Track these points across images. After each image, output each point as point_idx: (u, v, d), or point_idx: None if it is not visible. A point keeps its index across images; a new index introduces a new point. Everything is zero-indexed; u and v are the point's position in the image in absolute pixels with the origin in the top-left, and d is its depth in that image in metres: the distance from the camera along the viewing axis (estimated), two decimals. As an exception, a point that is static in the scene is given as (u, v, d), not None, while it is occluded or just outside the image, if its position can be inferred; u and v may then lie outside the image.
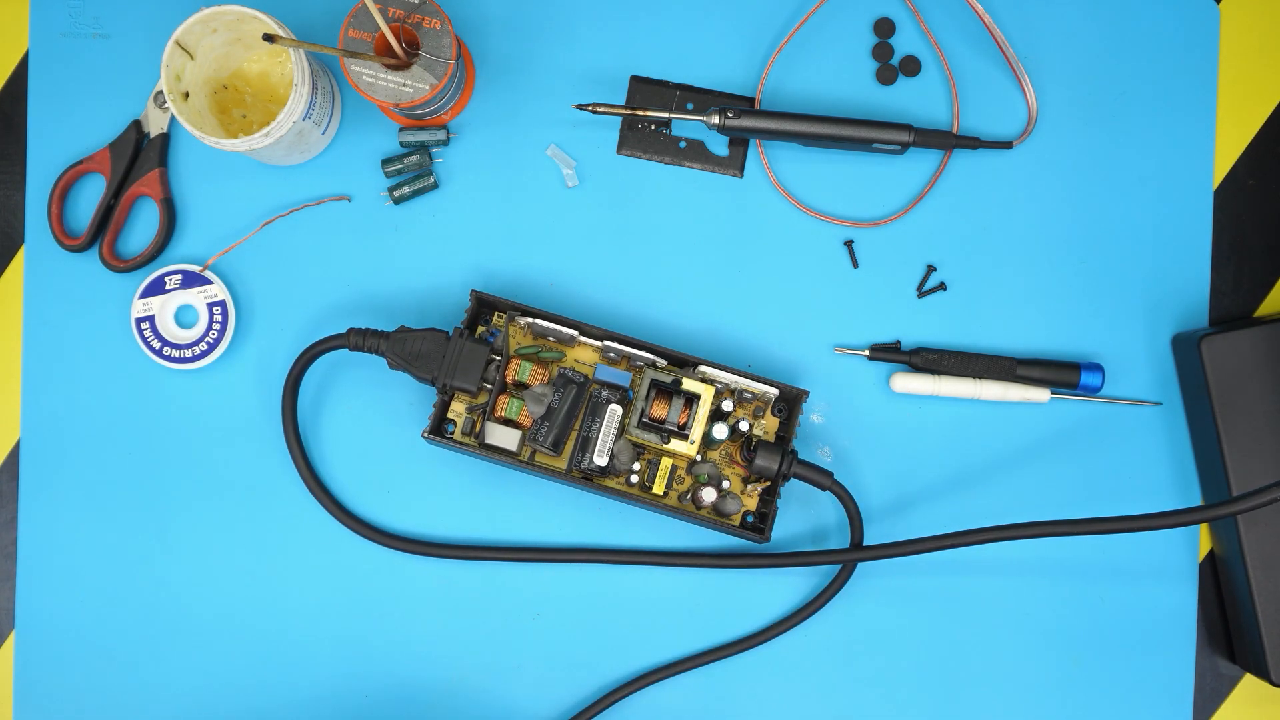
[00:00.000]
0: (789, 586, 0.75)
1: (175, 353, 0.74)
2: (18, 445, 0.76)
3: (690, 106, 0.76)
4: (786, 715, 0.75)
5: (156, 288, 0.75)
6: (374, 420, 0.76)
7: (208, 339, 0.75)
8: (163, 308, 0.75)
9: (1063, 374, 0.74)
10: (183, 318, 0.76)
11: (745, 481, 0.72)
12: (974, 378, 0.75)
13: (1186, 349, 0.74)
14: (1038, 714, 0.75)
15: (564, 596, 0.75)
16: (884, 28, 0.76)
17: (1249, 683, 0.76)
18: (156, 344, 0.75)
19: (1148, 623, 0.75)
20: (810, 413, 0.76)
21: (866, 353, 0.75)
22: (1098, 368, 0.75)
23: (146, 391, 0.76)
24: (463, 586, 0.75)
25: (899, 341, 0.76)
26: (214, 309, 0.75)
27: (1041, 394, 0.75)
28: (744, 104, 0.76)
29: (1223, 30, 0.77)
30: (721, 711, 0.75)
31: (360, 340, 0.71)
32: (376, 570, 0.75)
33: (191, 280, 0.75)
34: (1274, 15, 0.77)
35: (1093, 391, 0.75)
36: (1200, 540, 0.76)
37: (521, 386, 0.71)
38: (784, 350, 0.76)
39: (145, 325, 0.75)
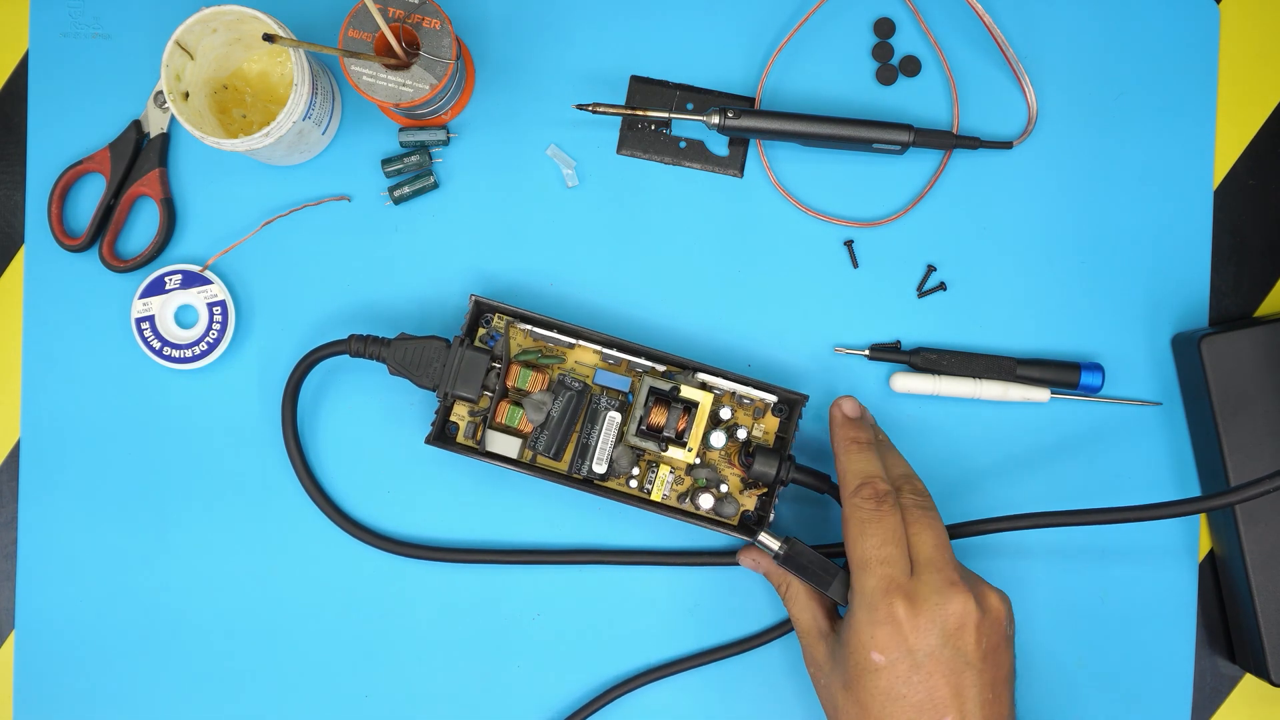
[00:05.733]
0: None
1: (175, 353, 0.74)
2: (18, 445, 0.76)
3: (690, 106, 0.76)
4: (787, 715, 0.75)
5: (156, 288, 0.75)
6: (375, 422, 0.76)
7: (208, 339, 0.75)
8: (163, 308, 0.75)
9: (1063, 374, 0.74)
10: (183, 318, 0.76)
11: (744, 484, 0.72)
12: (974, 378, 0.75)
13: (1186, 349, 0.74)
14: (1037, 713, 0.75)
15: (564, 596, 0.75)
16: (884, 28, 0.76)
17: (1249, 683, 0.76)
18: (156, 344, 0.75)
19: (1147, 622, 0.75)
20: (810, 414, 0.76)
21: (866, 353, 0.75)
22: (1098, 368, 0.75)
23: (146, 391, 0.76)
24: (463, 587, 0.75)
25: (899, 341, 0.76)
26: (214, 309, 0.75)
27: (1041, 394, 0.75)
28: (744, 104, 0.76)
29: (1223, 30, 0.77)
30: (722, 712, 0.75)
31: (361, 347, 0.71)
32: (376, 572, 0.75)
33: (191, 280, 0.75)
34: (1274, 15, 0.77)
35: (1093, 391, 0.75)
36: (1200, 540, 0.76)
37: (522, 393, 0.71)
38: (784, 350, 0.76)
39: (145, 325, 0.75)
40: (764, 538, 0.68)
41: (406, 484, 0.76)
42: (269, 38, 0.65)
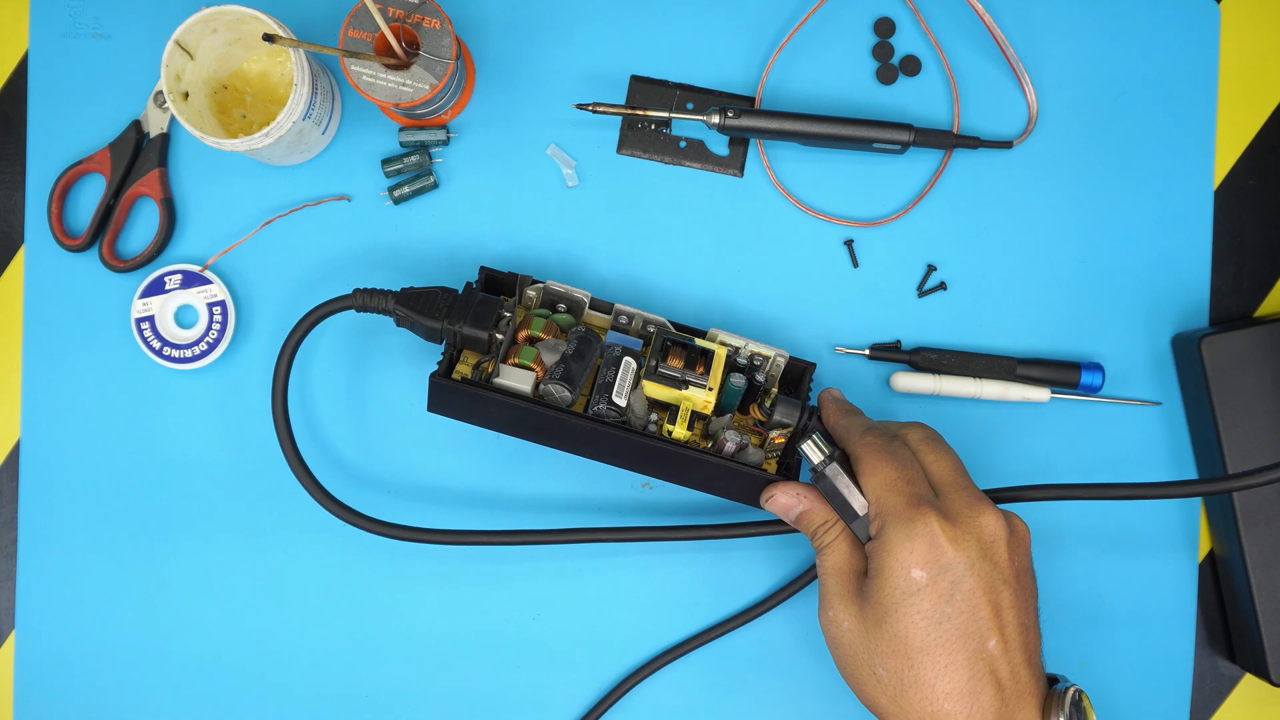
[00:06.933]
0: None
1: (175, 353, 0.74)
2: (18, 445, 0.76)
3: (690, 106, 0.76)
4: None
5: (156, 288, 0.75)
6: (378, 417, 0.76)
7: (208, 339, 0.75)
8: (163, 308, 0.75)
9: (1063, 374, 0.74)
10: (183, 318, 0.76)
11: (763, 441, 0.70)
12: (974, 377, 0.75)
13: (1186, 349, 0.74)
14: (1038, 714, 0.75)
15: (563, 595, 0.75)
16: (884, 27, 0.76)
17: (1249, 683, 0.76)
18: (156, 344, 0.75)
19: (1147, 622, 0.75)
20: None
21: (867, 352, 0.75)
22: (1098, 367, 0.75)
23: (146, 391, 0.76)
24: (463, 586, 0.75)
25: (899, 341, 0.76)
26: (214, 309, 0.75)
27: (1042, 393, 0.75)
28: (744, 104, 0.76)
29: (1223, 30, 0.77)
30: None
31: (367, 300, 0.69)
32: (377, 569, 0.75)
33: (191, 280, 0.75)
34: (1274, 15, 0.77)
35: (1093, 391, 0.75)
36: (1200, 540, 0.76)
37: (535, 340, 0.69)
38: (784, 350, 0.76)
39: (145, 325, 0.75)
40: (809, 446, 0.65)
41: (411, 475, 0.75)
42: (269, 38, 0.66)
